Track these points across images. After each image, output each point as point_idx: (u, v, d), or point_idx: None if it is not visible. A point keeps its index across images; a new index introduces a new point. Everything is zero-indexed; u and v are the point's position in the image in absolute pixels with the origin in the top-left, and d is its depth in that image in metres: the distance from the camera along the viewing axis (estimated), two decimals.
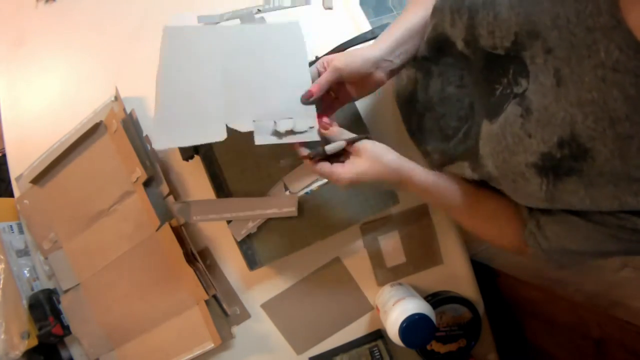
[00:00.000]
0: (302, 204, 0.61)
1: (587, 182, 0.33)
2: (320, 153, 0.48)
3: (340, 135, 0.49)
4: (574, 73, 0.31)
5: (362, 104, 0.64)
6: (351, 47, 0.58)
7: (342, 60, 0.49)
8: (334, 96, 0.54)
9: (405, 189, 0.49)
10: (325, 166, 0.48)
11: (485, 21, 0.38)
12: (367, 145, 0.47)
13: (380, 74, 0.50)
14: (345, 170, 0.47)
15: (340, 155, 0.49)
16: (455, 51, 0.45)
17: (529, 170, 0.37)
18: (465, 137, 0.47)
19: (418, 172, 0.48)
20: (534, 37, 0.34)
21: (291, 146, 0.50)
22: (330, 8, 0.71)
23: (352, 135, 0.48)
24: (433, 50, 0.49)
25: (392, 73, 0.52)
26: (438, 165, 0.56)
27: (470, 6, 0.39)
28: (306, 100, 0.50)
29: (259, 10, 0.72)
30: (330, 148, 0.48)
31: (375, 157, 0.47)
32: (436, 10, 0.46)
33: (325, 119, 0.50)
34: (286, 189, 0.63)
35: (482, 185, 0.48)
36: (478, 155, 0.44)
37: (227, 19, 0.72)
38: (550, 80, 0.33)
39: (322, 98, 0.52)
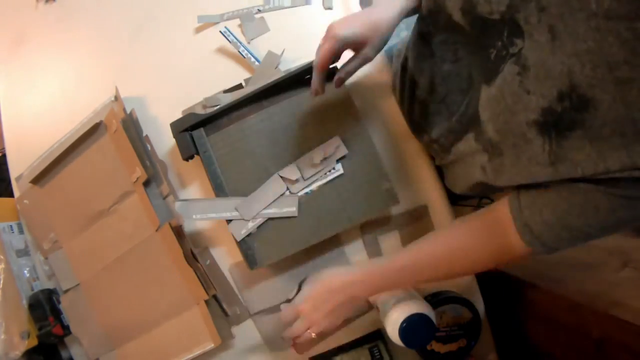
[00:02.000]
0: (302, 204, 0.61)
1: (591, 135, 0.33)
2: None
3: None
4: (568, 26, 0.32)
5: (362, 104, 0.64)
6: None
7: (341, 28, 0.47)
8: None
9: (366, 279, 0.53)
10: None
11: None
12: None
13: (390, 32, 0.50)
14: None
15: None
16: (450, 24, 0.45)
17: (530, 129, 0.36)
18: (467, 107, 0.47)
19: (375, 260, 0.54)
20: None
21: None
22: (330, 8, 0.71)
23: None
24: (428, 26, 0.49)
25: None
26: (446, 148, 0.55)
27: None
28: (316, 92, 0.52)
29: (259, 10, 0.72)
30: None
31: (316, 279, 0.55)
32: None
33: None
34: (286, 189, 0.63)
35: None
36: (479, 122, 0.44)
37: (227, 19, 0.73)
38: (545, 36, 0.34)
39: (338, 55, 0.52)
